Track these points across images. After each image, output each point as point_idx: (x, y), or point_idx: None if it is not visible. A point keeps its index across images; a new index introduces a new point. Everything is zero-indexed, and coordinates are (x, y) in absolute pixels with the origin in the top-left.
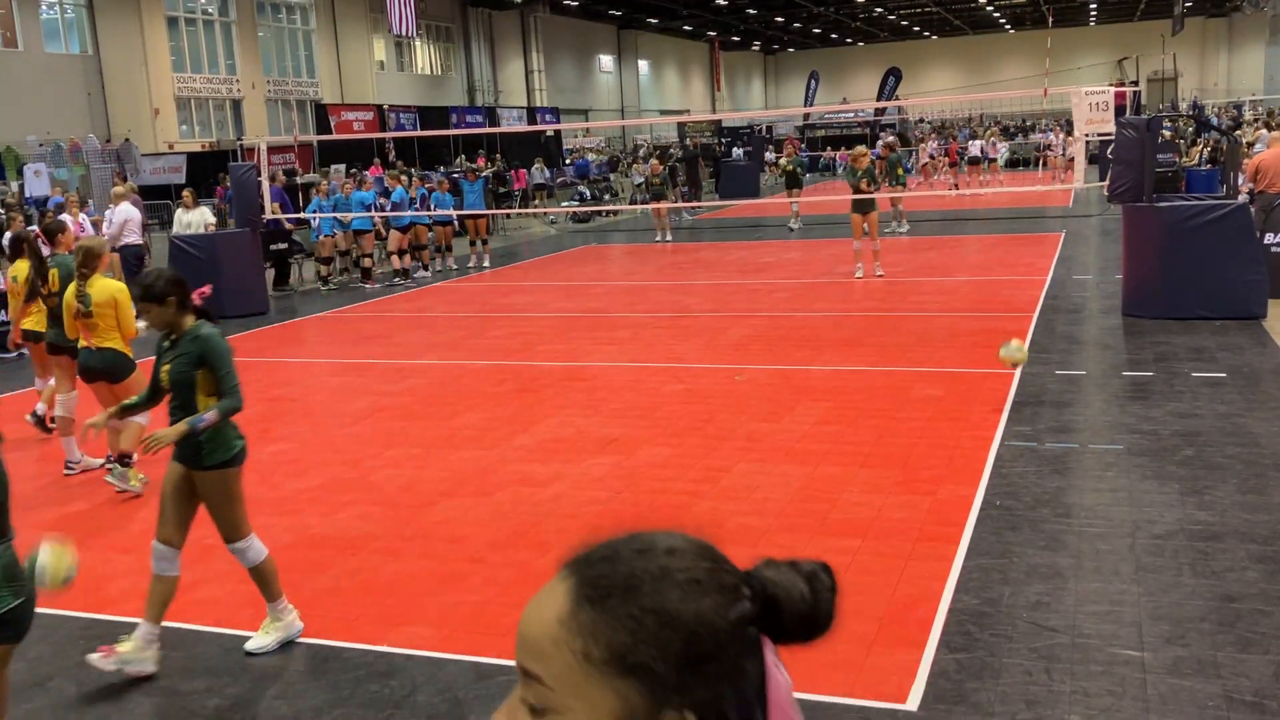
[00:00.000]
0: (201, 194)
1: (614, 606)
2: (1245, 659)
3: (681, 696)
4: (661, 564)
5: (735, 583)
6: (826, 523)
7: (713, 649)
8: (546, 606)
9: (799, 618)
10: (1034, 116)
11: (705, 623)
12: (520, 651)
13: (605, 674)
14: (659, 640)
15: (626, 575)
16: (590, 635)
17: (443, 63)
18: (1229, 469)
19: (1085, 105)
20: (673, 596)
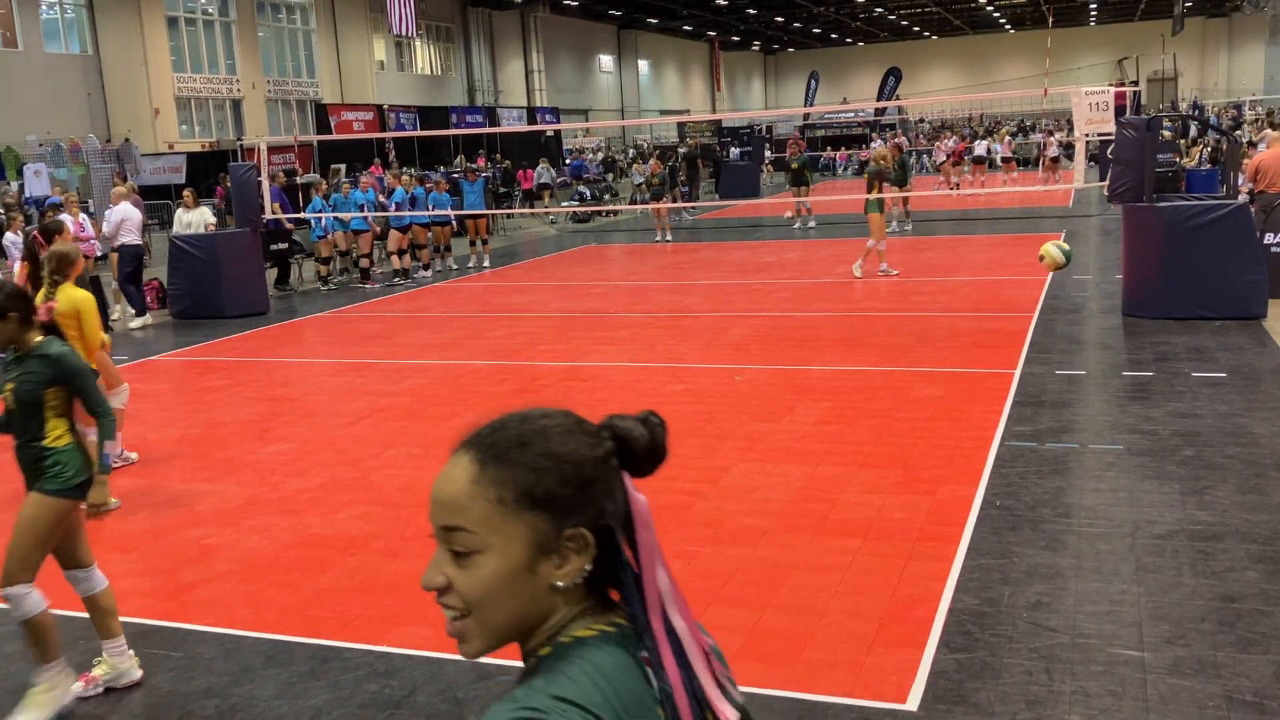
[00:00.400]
0: (201, 194)
1: (515, 459)
2: (1245, 659)
3: (576, 515)
4: (541, 424)
5: (597, 429)
6: (826, 523)
7: (593, 475)
8: (456, 475)
9: (644, 450)
10: (1034, 116)
11: (585, 457)
12: (438, 514)
13: (517, 510)
14: (556, 474)
15: (517, 436)
16: (501, 484)
17: (443, 63)
18: (1229, 469)
19: (1085, 105)
20: (557, 443)
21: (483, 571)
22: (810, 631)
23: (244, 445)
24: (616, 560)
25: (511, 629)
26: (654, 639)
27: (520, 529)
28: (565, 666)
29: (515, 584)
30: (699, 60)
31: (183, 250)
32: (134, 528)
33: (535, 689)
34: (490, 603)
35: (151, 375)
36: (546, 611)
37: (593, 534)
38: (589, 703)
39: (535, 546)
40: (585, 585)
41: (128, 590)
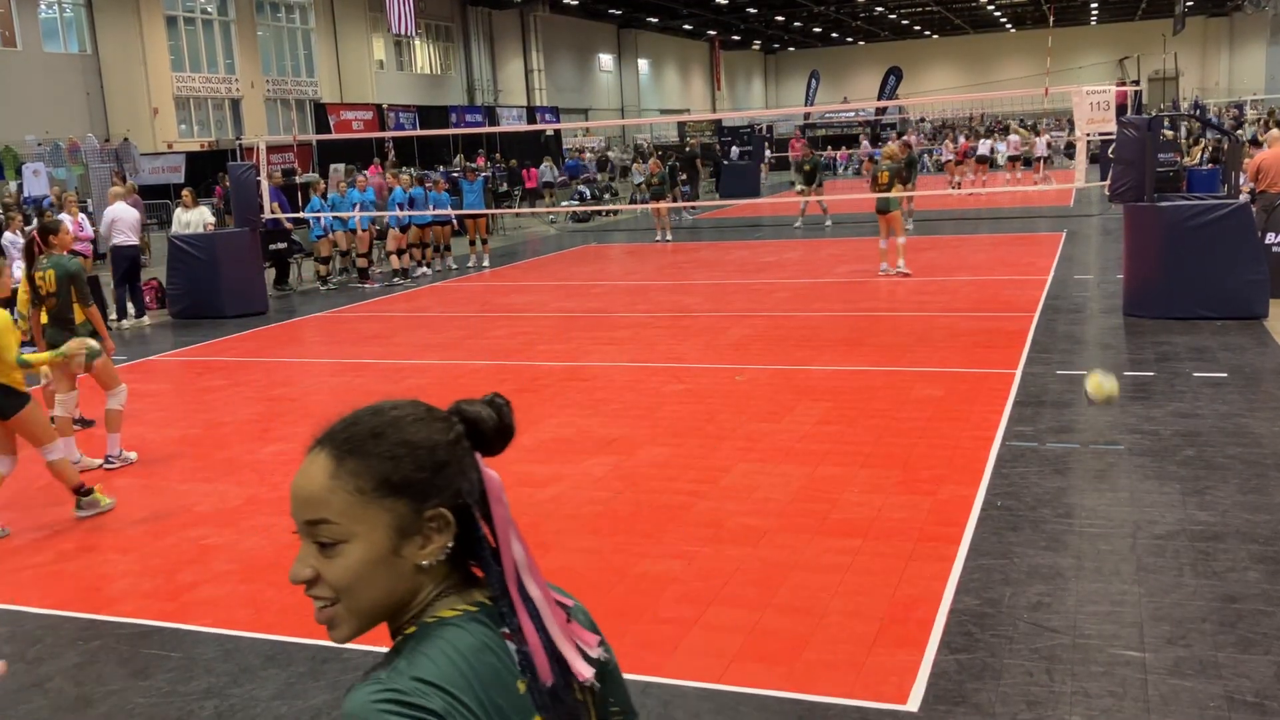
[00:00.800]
0: (201, 193)
1: (370, 450)
2: (1246, 659)
3: (434, 497)
4: (392, 415)
5: (446, 415)
6: (827, 523)
7: (446, 458)
8: (314, 471)
9: (493, 431)
10: (1034, 116)
11: (437, 442)
12: (300, 510)
13: (377, 498)
14: (411, 461)
15: (370, 429)
16: (359, 475)
17: (442, 62)
18: (1230, 469)
19: (1086, 105)
20: (410, 431)
21: (349, 559)
22: (810, 632)
23: (243, 445)
24: (475, 536)
25: (380, 611)
26: (511, 606)
27: (382, 515)
28: (426, 648)
29: (381, 568)
30: (699, 59)
31: (182, 250)
32: (133, 528)
33: (398, 670)
34: (358, 588)
35: (151, 375)
36: (413, 591)
37: (451, 513)
38: (448, 683)
39: (397, 530)
40: (448, 562)
41: (126, 591)
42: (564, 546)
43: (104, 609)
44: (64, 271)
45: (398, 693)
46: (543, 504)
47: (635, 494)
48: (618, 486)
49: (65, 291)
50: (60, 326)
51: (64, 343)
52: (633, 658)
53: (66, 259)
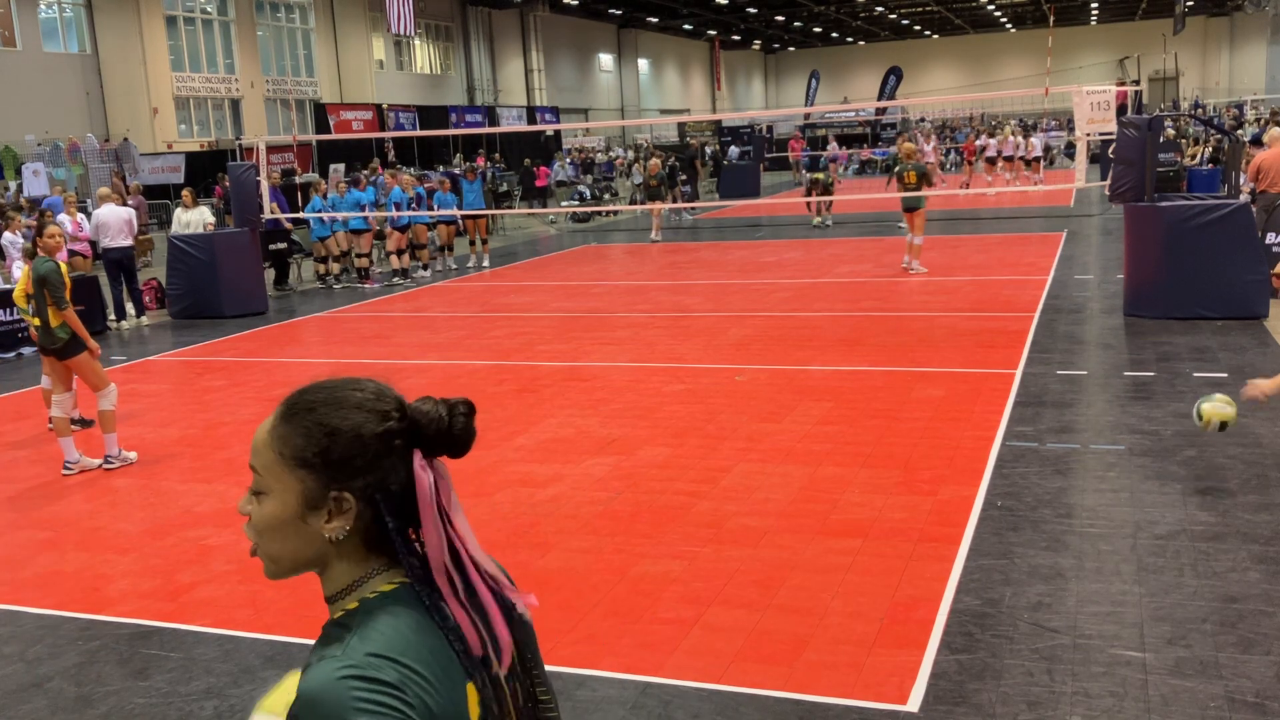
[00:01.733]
0: (200, 193)
1: (296, 421)
2: (1247, 660)
3: (341, 481)
4: (339, 394)
5: (389, 409)
6: (827, 523)
7: (355, 451)
8: (266, 424)
9: (438, 435)
10: (1035, 116)
11: (354, 434)
12: (252, 454)
13: (291, 466)
14: (326, 442)
15: (310, 400)
16: (283, 440)
17: (442, 62)
18: (1231, 469)
19: (1086, 105)
20: (338, 415)
21: (265, 510)
22: (811, 632)
23: (243, 445)
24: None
25: (291, 564)
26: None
27: (293, 482)
28: (374, 623)
29: (289, 527)
30: (699, 59)
31: (181, 250)
32: (133, 528)
33: (351, 647)
34: (269, 537)
35: (150, 375)
36: (326, 556)
37: (362, 499)
38: (400, 654)
39: (305, 500)
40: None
41: (126, 591)
42: (564, 546)
43: (104, 609)
44: (36, 274)
45: (355, 668)
46: (543, 504)
47: (635, 494)
48: (618, 486)
49: (39, 294)
50: (41, 328)
51: (47, 343)
52: (633, 658)
53: (40, 261)
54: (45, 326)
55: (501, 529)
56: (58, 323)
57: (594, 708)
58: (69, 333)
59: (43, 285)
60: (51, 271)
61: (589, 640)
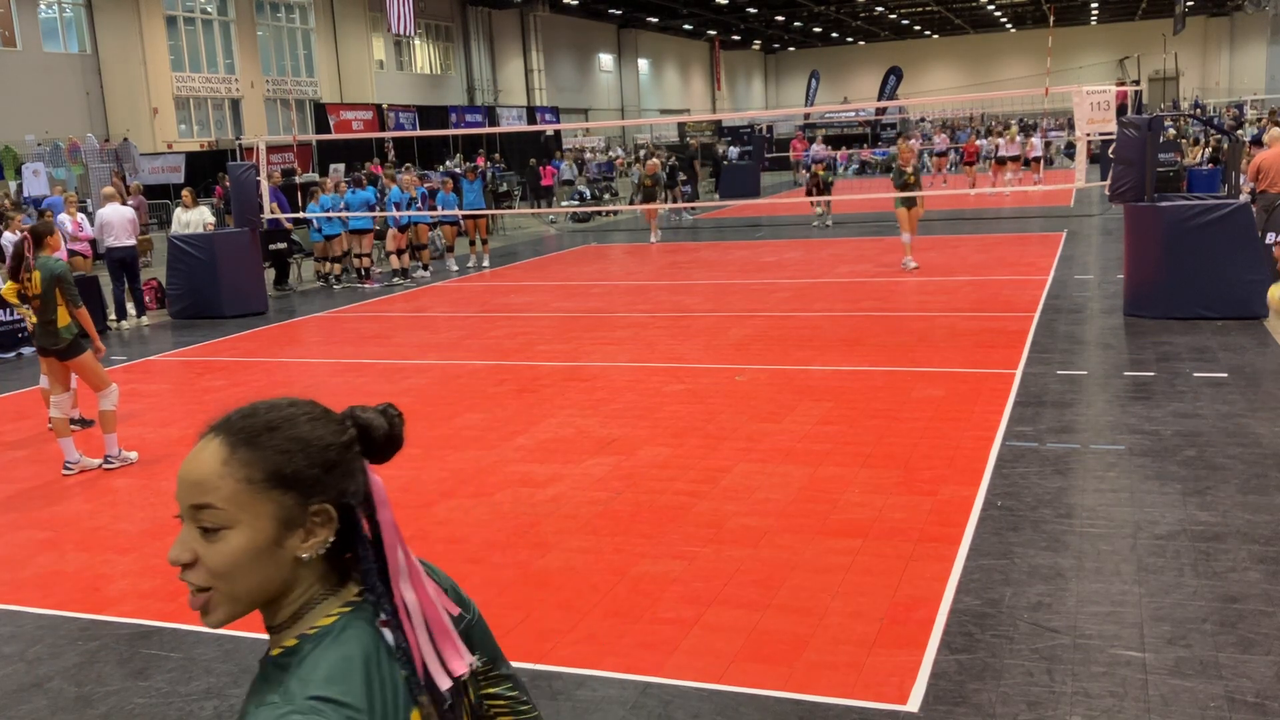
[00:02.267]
0: (200, 193)
1: (264, 443)
2: (1247, 660)
3: (320, 493)
4: (289, 412)
5: (341, 418)
6: (827, 523)
7: (336, 458)
8: (206, 457)
9: (382, 439)
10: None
11: (329, 443)
12: (187, 494)
13: (265, 489)
14: (303, 457)
15: (266, 422)
16: (250, 465)
17: (442, 62)
18: (1231, 469)
19: (1086, 105)
20: (305, 429)
21: (230, 545)
22: (811, 632)
23: None
24: (355, 534)
25: (255, 598)
26: (393, 605)
27: (268, 506)
28: (315, 661)
29: (261, 556)
30: (699, 59)
31: (181, 250)
32: (133, 528)
33: (290, 692)
34: (237, 574)
35: (150, 375)
36: (289, 583)
37: (335, 510)
38: (342, 695)
39: (282, 522)
40: (325, 558)
41: (126, 591)
42: (564, 546)
43: (104, 609)
44: (49, 273)
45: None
46: (543, 504)
47: (635, 494)
48: (618, 486)
49: (50, 293)
50: (45, 328)
51: (50, 344)
52: (633, 658)
53: (53, 261)
54: (51, 326)
55: (501, 529)
56: (66, 322)
57: (594, 708)
58: (74, 333)
59: (57, 284)
60: (65, 271)
61: (589, 640)
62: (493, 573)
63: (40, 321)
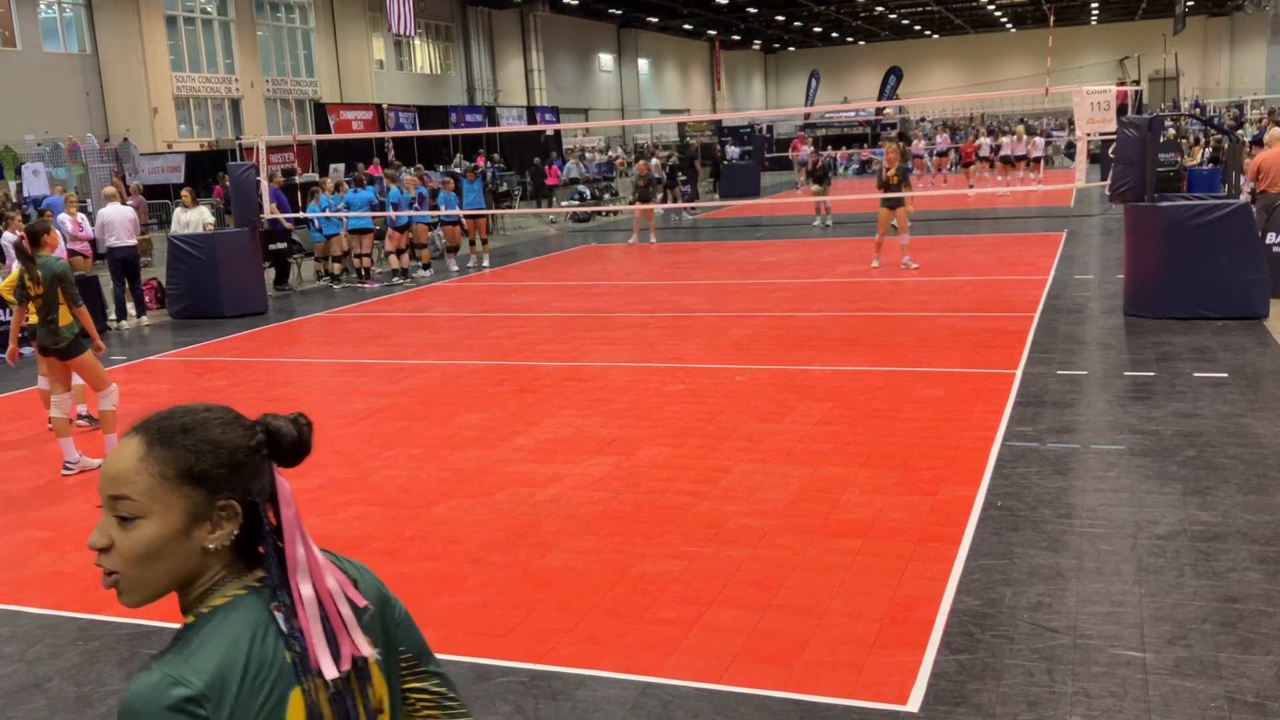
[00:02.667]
0: (200, 193)
1: (178, 442)
2: (1247, 660)
3: (227, 490)
4: (203, 416)
5: (251, 424)
6: (827, 523)
7: (244, 460)
8: (126, 453)
9: (290, 445)
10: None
11: (238, 445)
12: (108, 486)
13: (177, 485)
14: (213, 457)
15: (182, 424)
16: (165, 462)
17: (442, 62)
18: (1231, 469)
19: (1086, 105)
20: (217, 432)
21: (143, 533)
22: (811, 632)
23: None
24: (260, 529)
25: (165, 584)
26: (291, 596)
27: (178, 500)
28: (200, 636)
29: (171, 545)
30: (699, 59)
31: (181, 250)
32: None
33: (170, 661)
34: (148, 560)
35: (150, 375)
36: (198, 570)
37: (241, 506)
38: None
39: (191, 515)
40: (232, 549)
41: None
42: (564, 546)
43: (104, 609)
44: (50, 272)
45: (171, 678)
46: (543, 504)
47: (635, 494)
48: (618, 486)
49: (52, 292)
50: (47, 327)
51: (51, 343)
52: (633, 658)
53: (53, 260)
54: (53, 325)
55: (501, 529)
56: (68, 321)
57: (594, 708)
58: (75, 332)
59: (58, 283)
60: (66, 270)
61: (589, 640)
62: (493, 573)
63: (42, 321)
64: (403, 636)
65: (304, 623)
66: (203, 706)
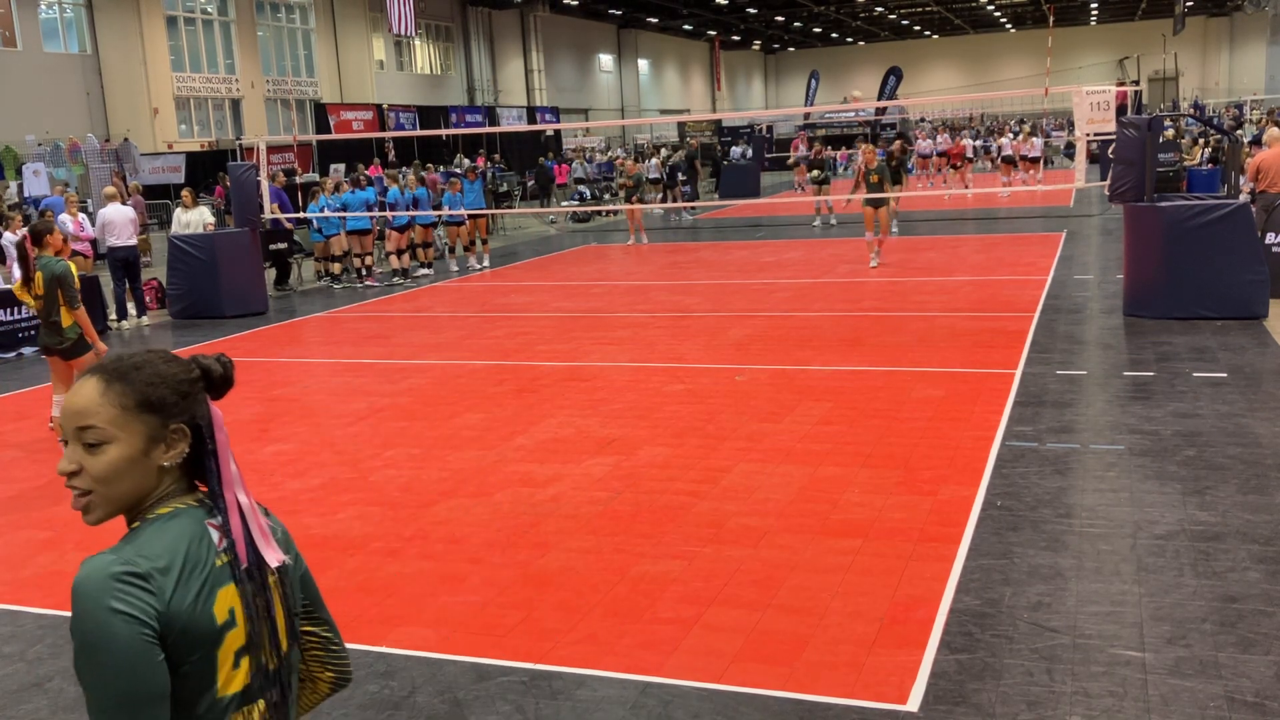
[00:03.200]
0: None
1: (133, 378)
2: (1247, 660)
3: (178, 416)
4: (149, 357)
5: (187, 362)
6: (827, 523)
7: (188, 389)
8: (87, 390)
9: (218, 379)
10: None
11: (181, 378)
12: (72, 420)
13: (136, 413)
14: (165, 388)
15: (133, 363)
16: (124, 395)
17: (442, 62)
18: (1230, 469)
19: (1086, 105)
20: (163, 367)
21: (109, 456)
22: (811, 632)
23: (243, 445)
24: (203, 449)
25: (129, 500)
26: (224, 504)
27: (139, 426)
28: (145, 532)
29: (133, 465)
30: (699, 59)
31: (181, 250)
32: None
33: (117, 548)
34: (114, 480)
35: None
36: (154, 486)
37: (189, 430)
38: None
39: (149, 438)
40: (180, 468)
41: None
42: (564, 546)
43: None
44: (50, 274)
45: (117, 560)
46: (543, 504)
47: (635, 494)
48: (618, 486)
49: (52, 293)
50: (49, 328)
51: (53, 343)
52: (633, 658)
53: (54, 261)
54: (56, 325)
55: (502, 529)
56: (69, 322)
57: (594, 708)
58: (78, 332)
59: (57, 285)
60: (66, 271)
61: (589, 640)
62: (493, 573)
63: (44, 321)
64: (305, 587)
65: (235, 525)
66: (147, 582)
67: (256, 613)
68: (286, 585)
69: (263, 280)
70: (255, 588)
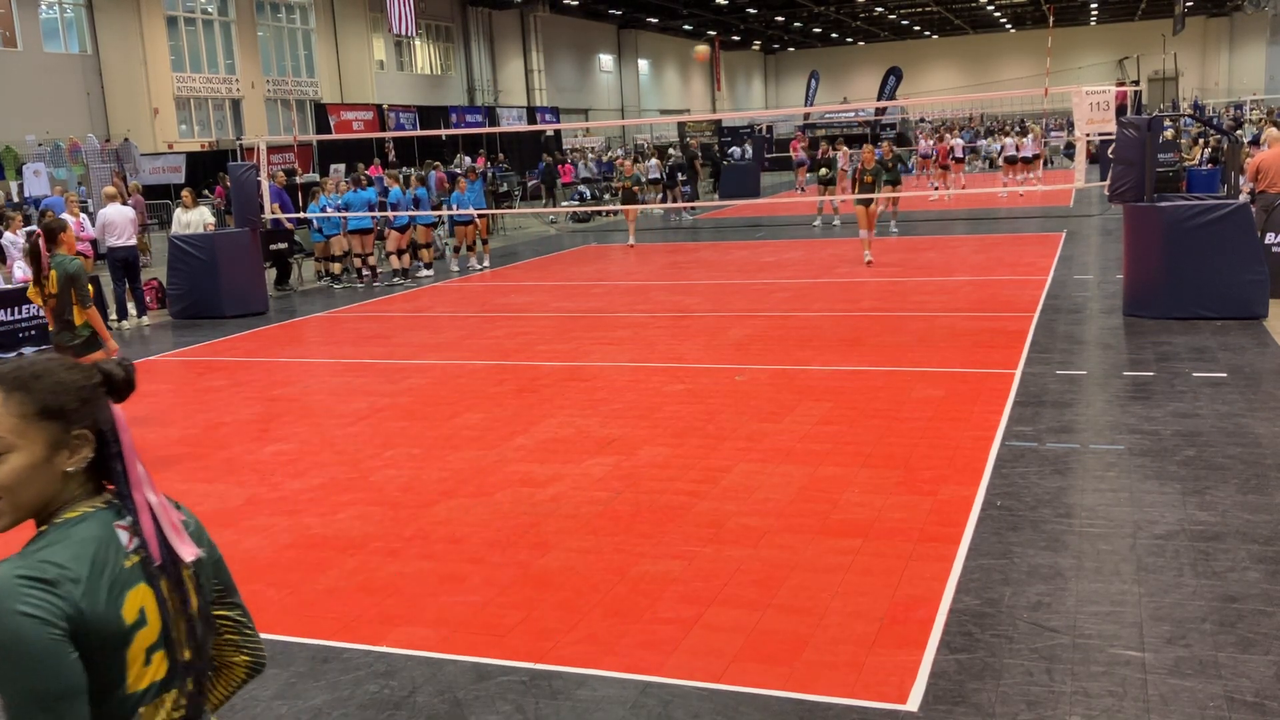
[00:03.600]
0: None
1: (33, 386)
2: (1246, 660)
3: (80, 422)
4: (46, 364)
5: (90, 369)
6: (827, 523)
7: (89, 396)
8: None
9: (120, 383)
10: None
11: (81, 385)
12: None
13: (36, 421)
14: (66, 395)
15: (32, 371)
16: (23, 404)
17: (442, 62)
18: (1230, 469)
19: (1086, 105)
20: (63, 375)
21: (13, 464)
22: (811, 632)
23: (243, 445)
24: (109, 452)
25: (35, 506)
26: (134, 505)
27: (40, 434)
28: (51, 537)
29: (37, 472)
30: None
31: (182, 250)
32: None
33: (27, 554)
34: (19, 487)
35: (151, 375)
36: (59, 491)
37: (92, 435)
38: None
39: (51, 445)
40: (86, 472)
41: None
42: (564, 546)
43: None
44: (64, 272)
45: (24, 567)
46: (543, 504)
47: (635, 494)
48: (618, 486)
49: (65, 292)
50: (61, 327)
51: (67, 340)
52: (633, 658)
53: (68, 260)
54: (68, 324)
55: (501, 529)
56: (81, 320)
57: (594, 708)
58: (90, 330)
59: (70, 283)
60: (80, 270)
61: (589, 640)
62: (493, 573)
63: (57, 319)
64: (219, 573)
65: (146, 524)
66: (54, 588)
67: (173, 608)
68: (201, 577)
69: (263, 280)
70: (171, 584)
